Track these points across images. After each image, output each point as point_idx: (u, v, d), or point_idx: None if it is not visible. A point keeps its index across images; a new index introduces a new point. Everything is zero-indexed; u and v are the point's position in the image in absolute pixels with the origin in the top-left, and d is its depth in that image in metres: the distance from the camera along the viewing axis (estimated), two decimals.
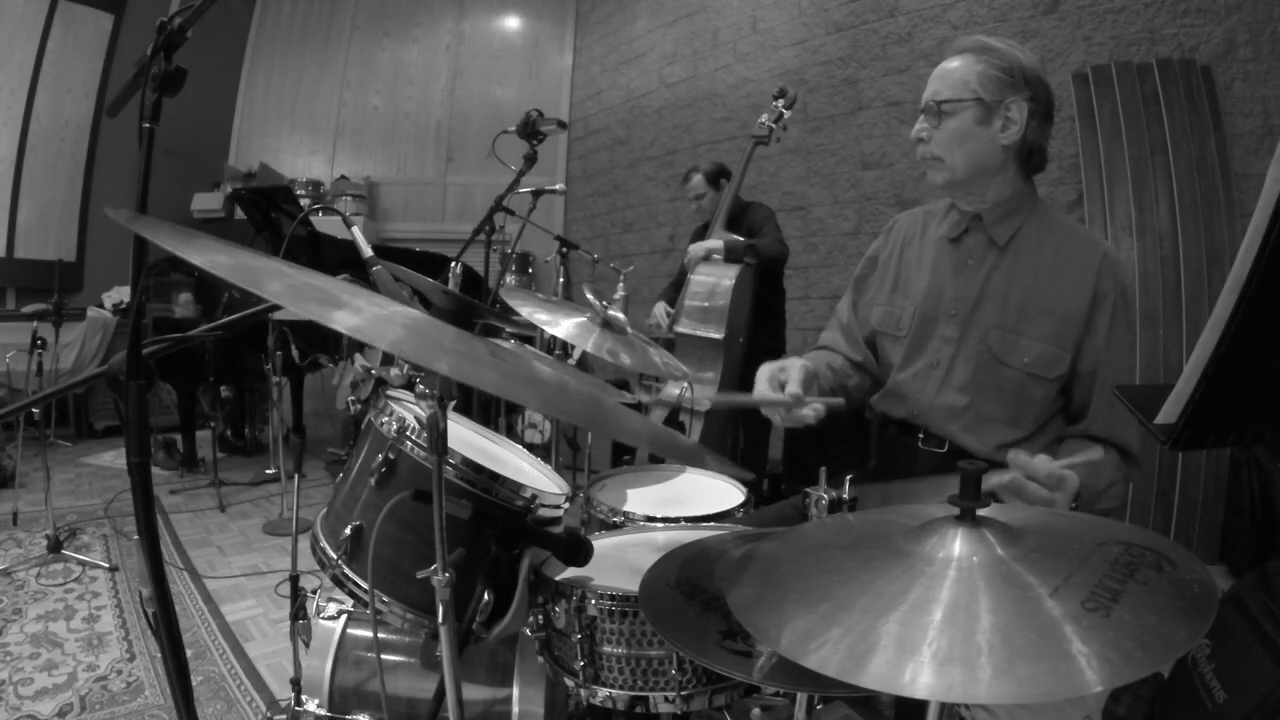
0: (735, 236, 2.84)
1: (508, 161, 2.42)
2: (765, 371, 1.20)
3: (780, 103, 2.93)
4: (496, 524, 1.02)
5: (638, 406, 2.56)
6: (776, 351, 3.04)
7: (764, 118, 2.91)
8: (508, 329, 1.40)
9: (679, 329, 2.75)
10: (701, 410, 2.58)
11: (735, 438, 2.82)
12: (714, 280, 2.73)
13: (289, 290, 0.59)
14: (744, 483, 1.59)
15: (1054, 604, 0.56)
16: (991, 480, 0.94)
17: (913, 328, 1.32)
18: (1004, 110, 1.18)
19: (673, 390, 2.68)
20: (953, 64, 1.21)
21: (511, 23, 6.23)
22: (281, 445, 3.68)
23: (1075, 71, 3.09)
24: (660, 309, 3.06)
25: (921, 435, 1.30)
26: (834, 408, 1.17)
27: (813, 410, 1.15)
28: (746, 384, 2.88)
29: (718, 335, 2.67)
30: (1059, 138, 3.15)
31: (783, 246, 2.86)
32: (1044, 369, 1.19)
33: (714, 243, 2.81)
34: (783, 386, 1.16)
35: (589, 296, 1.50)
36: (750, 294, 2.79)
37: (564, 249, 3.02)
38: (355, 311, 0.61)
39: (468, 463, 1.05)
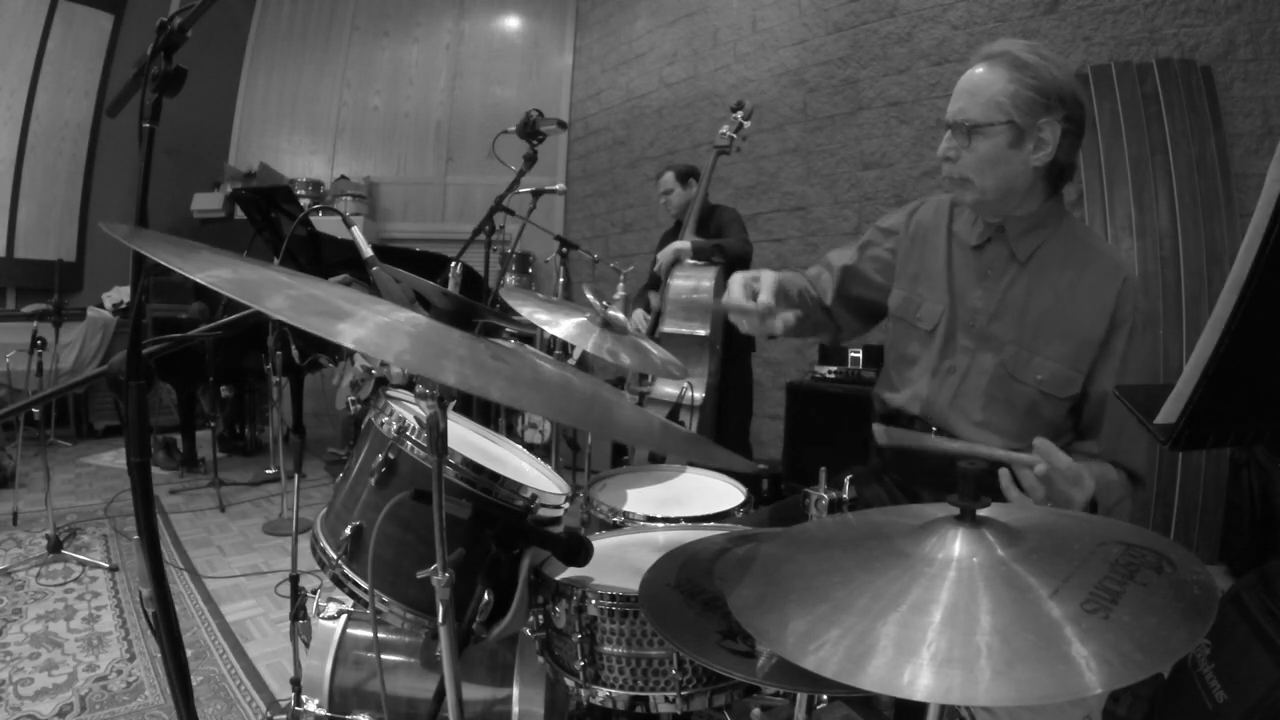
0: (702, 239, 2.92)
1: (508, 161, 2.42)
2: (738, 278, 1.18)
3: (739, 114, 3.03)
4: (496, 524, 1.02)
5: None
6: (751, 351, 3.14)
7: (725, 129, 3.02)
8: (508, 329, 1.40)
9: (664, 329, 2.79)
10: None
11: (718, 431, 2.85)
12: (694, 282, 2.81)
13: (291, 304, 0.58)
14: (743, 481, 1.60)
15: (1054, 605, 0.56)
16: (1018, 456, 0.94)
17: (939, 329, 1.32)
18: (1037, 132, 1.13)
19: (664, 389, 2.72)
20: (982, 77, 1.15)
21: (511, 23, 6.23)
22: (281, 445, 3.68)
23: (1075, 71, 3.09)
24: (639, 315, 3.10)
25: (934, 429, 1.30)
26: (798, 321, 1.18)
27: (782, 321, 1.13)
28: (731, 383, 2.93)
29: (702, 332, 2.73)
30: None
31: (747, 246, 2.95)
32: (1056, 388, 1.19)
33: (682, 244, 2.89)
34: (755, 296, 1.15)
35: (589, 296, 1.50)
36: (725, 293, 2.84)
37: (564, 249, 3.03)
38: (359, 322, 0.61)
39: (468, 463, 1.05)
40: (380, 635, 1.22)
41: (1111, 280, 1.18)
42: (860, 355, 3.26)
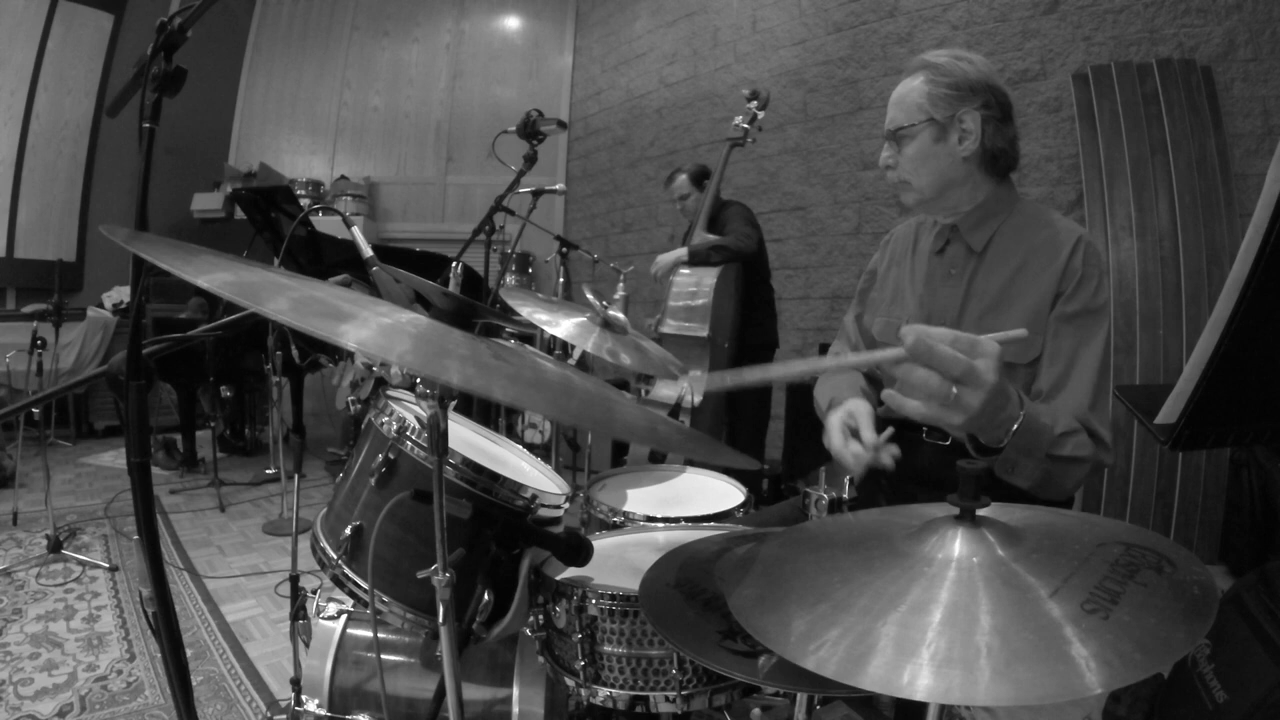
0: (709, 237, 2.87)
1: (508, 161, 2.42)
2: (835, 421, 1.20)
3: (754, 104, 2.97)
4: (496, 524, 1.02)
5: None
6: (767, 348, 3.10)
7: (738, 119, 2.95)
8: (508, 329, 1.40)
9: (664, 330, 2.78)
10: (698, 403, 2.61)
11: (730, 431, 2.84)
12: (695, 280, 2.78)
13: (293, 306, 0.59)
14: (744, 482, 1.60)
15: (1053, 605, 0.56)
16: (877, 355, 0.83)
17: None
18: (958, 124, 1.21)
19: (663, 390, 2.71)
20: (904, 87, 1.26)
21: (511, 23, 6.23)
22: (281, 445, 3.68)
23: (1075, 71, 3.09)
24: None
25: (925, 429, 1.30)
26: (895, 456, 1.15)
27: (889, 456, 1.13)
28: (741, 391, 2.89)
29: (702, 333, 2.70)
30: (1059, 137, 3.15)
31: (746, 241, 2.85)
32: (1017, 356, 1.19)
33: (679, 252, 2.83)
34: (855, 433, 1.16)
35: (589, 296, 1.50)
36: (736, 292, 2.82)
37: (564, 249, 3.03)
38: (362, 323, 0.61)
39: (468, 463, 1.05)
40: (380, 635, 1.22)
41: (1064, 242, 1.20)
42: None
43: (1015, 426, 0.91)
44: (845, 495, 1.03)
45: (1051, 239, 1.21)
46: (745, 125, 2.93)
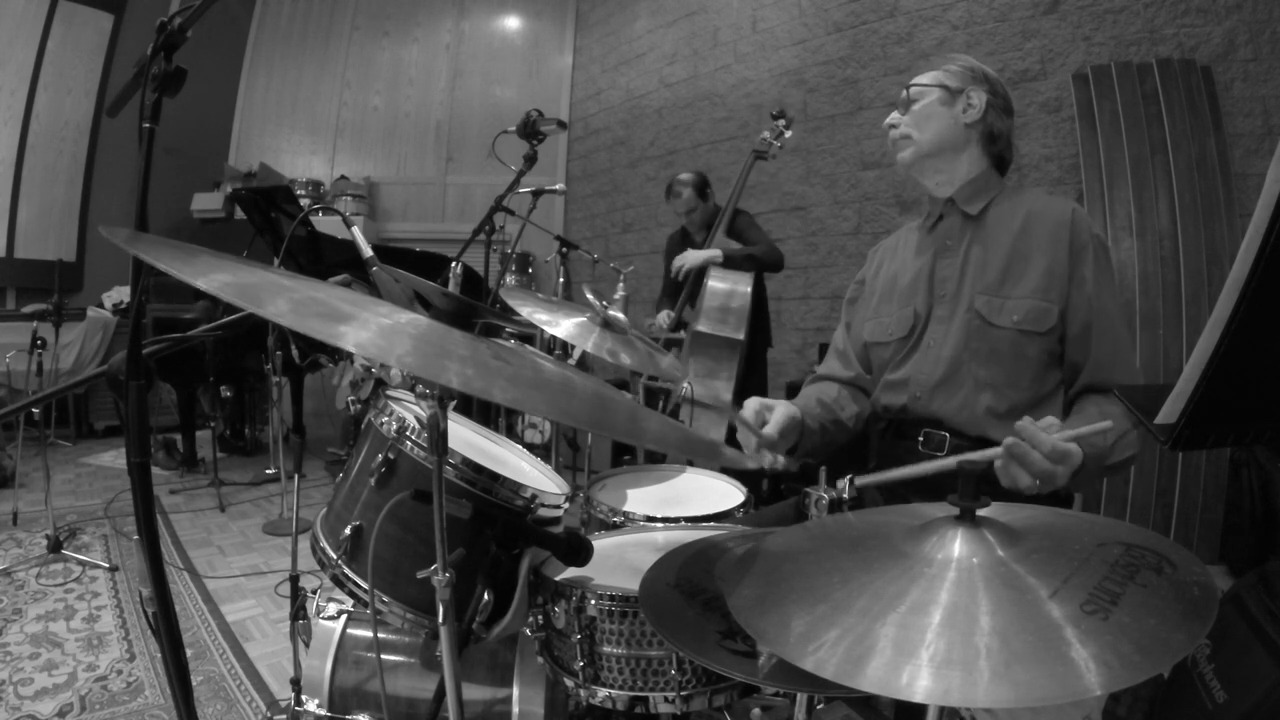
0: (735, 244, 2.91)
1: (508, 161, 2.42)
2: (754, 403, 1.24)
3: (780, 123, 3.04)
4: (496, 524, 1.02)
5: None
6: (768, 347, 3.17)
7: (765, 134, 3.03)
8: (508, 329, 1.40)
9: (699, 329, 2.77)
10: (719, 406, 2.64)
11: (731, 430, 2.84)
12: (730, 286, 2.81)
13: (292, 307, 0.58)
14: (744, 482, 1.60)
15: (1053, 606, 0.56)
16: (993, 450, 0.95)
17: (904, 322, 1.37)
18: (966, 96, 1.31)
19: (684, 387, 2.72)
20: (924, 74, 1.39)
21: (511, 23, 6.23)
22: (281, 445, 3.68)
23: (1075, 71, 3.09)
24: (662, 316, 3.12)
25: (921, 439, 1.31)
26: (786, 469, 1.22)
27: (773, 459, 1.19)
28: (748, 383, 2.92)
29: (738, 335, 2.73)
30: (1059, 137, 3.15)
31: (775, 253, 2.95)
32: (1034, 324, 1.22)
33: (713, 252, 2.86)
34: (764, 425, 1.20)
35: (589, 296, 1.50)
36: (755, 297, 2.86)
37: (564, 249, 3.03)
38: (361, 324, 0.61)
39: (468, 463, 1.05)
40: (380, 635, 1.22)
41: (1060, 211, 1.26)
42: None
43: (1077, 465, 0.98)
44: (845, 495, 1.03)
45: (1046, 211, 1.27)
46: (771, 140, 3.01)
